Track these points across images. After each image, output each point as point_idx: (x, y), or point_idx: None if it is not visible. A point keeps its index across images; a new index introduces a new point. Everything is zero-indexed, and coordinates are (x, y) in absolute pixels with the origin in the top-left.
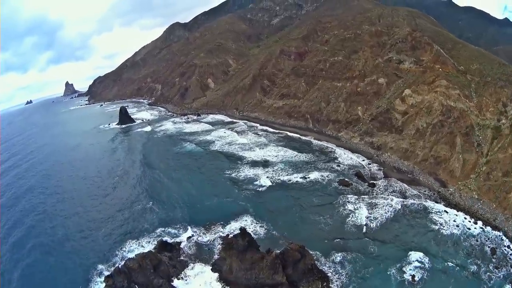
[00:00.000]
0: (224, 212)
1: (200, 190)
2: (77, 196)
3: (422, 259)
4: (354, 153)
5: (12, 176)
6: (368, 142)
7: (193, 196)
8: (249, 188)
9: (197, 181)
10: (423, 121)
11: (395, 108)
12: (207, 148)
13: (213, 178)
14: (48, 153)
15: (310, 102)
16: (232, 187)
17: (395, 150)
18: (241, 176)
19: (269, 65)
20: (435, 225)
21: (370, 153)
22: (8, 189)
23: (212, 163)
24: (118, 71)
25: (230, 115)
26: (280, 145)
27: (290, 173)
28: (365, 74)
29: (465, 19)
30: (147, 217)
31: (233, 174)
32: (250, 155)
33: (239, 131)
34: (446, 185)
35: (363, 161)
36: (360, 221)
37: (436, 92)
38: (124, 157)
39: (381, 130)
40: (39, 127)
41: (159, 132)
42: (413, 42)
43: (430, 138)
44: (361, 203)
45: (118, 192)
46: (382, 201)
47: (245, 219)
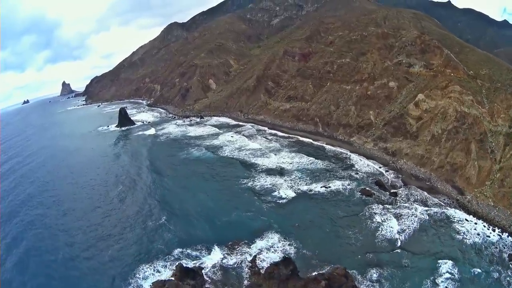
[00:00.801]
0: (247, 229)
1: (216, 202)
2: (80, 208)
3: (452, 269)
4: (369, 159)
5: (9, 183)
6: (382, 148)
7: (210, 209)
8: (269, 200)
9: (212, 191)
10: (438, 127)
11: (409, 113)
12: (217, 154)
13: (228, 188)
14: (46, 158)
15: (319, 105)
16: (250, 198)
17: (410, 156)
18: (257, 185)
19: (273, 66)
20: (459, 234)
21: (385, 159)
22: (4, 198)
23: (224, 171)
24: (116, 71)
25: (235, 118)
26: (293, 151)
27: (309, 182)
28: (374, 77)
29: (464, 21)
30: (161, 235)
31: (249, 184)
32: (264, 162)
33: (247, 135)
34: (463, 192)
35: (380, 168)
36: (390, 234)
37: (450, 98)
38: (129, 163)
39: (395, 136)
40: (36, 128)
41: (162, 136)
42: (422, 45)
43: (446, 144)
44: (387, 214)
45: (125, 204)
46: (407, 211)
47: (271, 236)
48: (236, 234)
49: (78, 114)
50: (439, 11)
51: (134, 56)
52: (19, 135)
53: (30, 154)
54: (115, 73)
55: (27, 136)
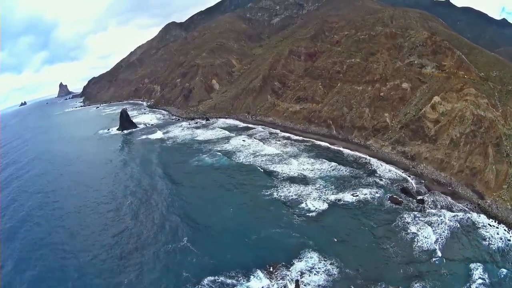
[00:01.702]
0: (281, 248)
1: (242, 217)
2: (87, 227)
3: (483, 275)
4: (389, 164)
5: (7, 194)
6: (400, 152)
7: (237, 226)
8: (298, 212)
9: (234, 204)
10: (457, 131)
11: (426, 116)
12: (231, 160)
13: (251, 199)
14: (46, 165)
15: (331, 107)
16: (278, 212)
17: (430, 160)
18: (282, 196)
19: (278, 66)
20: (485, 240)
21: (405, 164)
22: (2, 213)
23: (243, 180)
24: (114, 71)
25: (242, 119)
26: (312, 156)
27: (335, 191)
28: (386, 78)
29: (464, 19)
30: (185, 260)
31: (273, 194)
32: (284, 169)
33: (260, 138)
34: (483, 196)
35: (402, 174)
36: (427, 244)
37: (466, 101)
38: (137, 172)
39: (414, 139)
40: (34, 132)
41: (168, 140)
42: (434, 46)
43: (464, 148)
44: (420, 223)
45: (139, 221)
46: (436, 218)
47: (310, 255)
48: (272, 255)
49: (77, 116)
50: (438, 9)
51: (132, 57)
52: (17, 139)
53: (29, 162)
54: (113, 74)
55: (25, 140)
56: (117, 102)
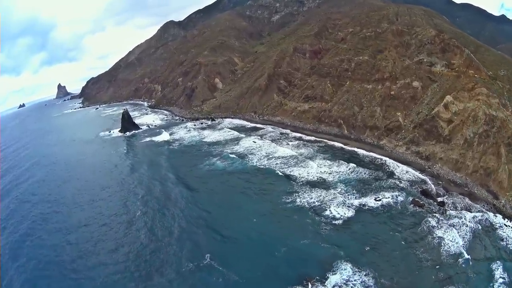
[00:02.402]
0: (312, 260)
1: (266, 227)
2: (95, 241)
3: (503, 275)
4: (405, 164)
5: (6, 205)
6: (414, 152)
7: (263, 238)
8: (323, 220)
9: (255, 212)
10: (470, 131)
11: (440, 115)
12: (245, 164)
13: (272, 207)
14: (47, 172)
15: (342, 106)
16: (302, 220)
17: (445, 161)
18: (304, 203)
19: (283, 63)
20: (503, 241)
21: (421, 164)
22: (3, 225)
23: (260, 185)
24: (112, 71)
25: (249, 119)
26: (327, 158)
27: (357, 195)
28: (396, 77)
29: (463, 16)
30: (210, 282)
31: (295, 201)
32: (301, 172)
33: (271, 139)
34: (498, 196)
35: (419, 175)
36: (453, 248)
37: (479, 100)
38: (147, 178)
39: (428, 139)
40: (34, 135)
41: (174, 142)
42: (442, 44)
43: (478, 148)
44: (444, 226)
45: (153, 235)
46: (457, 220)
47: (343, 267)
48: (304, 269)
49: (76, 118)
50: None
51: (130, 56)
52: (17, 142)
53: (29, 167)
54: (112, 74)
55: (24, 143)
56: (117, 103)
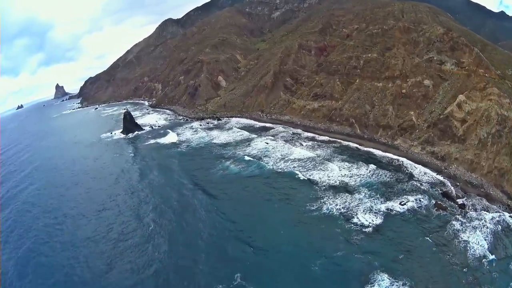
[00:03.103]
0: (349, 273)
1: (295, 238)
2: (109, 260)
3: None
4: (422, 165)
5: (6, 217)
6: (429, 152)
7: (294, 252)
8: (352, 229)
9: (281, 222)
10: (484, 131)
11: (453, 115)
12: (261, 167)
13: (298, 216)
14: (48, 178)
15: (353, 105)
16: (331, 230)
17: (460, 161)
18: (331, 211)
19: (288, 61)
20: None
21: (437, 165)
22: (3, 240)
23: (281, 191)
24: (111, 70)
25: (257, 119)
26: (345, 160)
27: (382, 200)
28: (406, 75)
29: (463, 12)
30: None
31: (321, 208)
32: (322, 176)
33: (284, 140)
34: (511, 197)
35: (437, 176)
36: (478, 250)
37: (491, 100)
38: (157, 185)
39: (443, 139)
40: (33, 137)
41: (182, 144)
42: (451, 42)
43: (492, 148)
44: (468, 229)
45: (174, 253)
46: (478, 222)
47: (380, 278)
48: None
49: (75, 119)
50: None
51: (129, 55)
52: (16, 145)
53: (29, 173)
54: (111, 73)
55: (24, 146)
56: (117, 102)
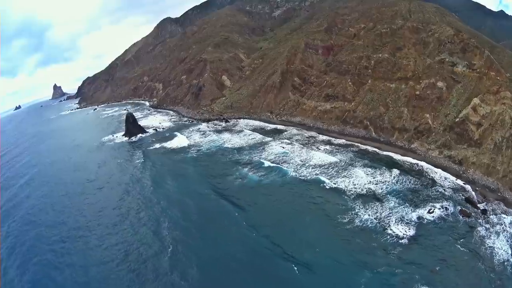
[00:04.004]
0: None
1: (334, 255)
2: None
3: None
4: (441, 169)
5: (6, 234)
6: (447, 156)
7: (338, 269)
8: (388, 241)
9: (316, 237)
10: (499, 135)
11: (469, 118)
12: (282, 175)
13: (331, 230)
14: (50, 188)
15: (367, 106)
16: (368, 244)
17: (477, 165)
18: (364, 224)
19: (295, 60)
20: None
21: (455, 169)
22: (3, 265)
23: (308, 201)
24: (109, 70)
25: (266, 120)
26: (366, 165)
27: (411, 209)
28: (419, 76)
29: (462, 11)
30: None
31: (354, 221)
32: (347, 184)
33: (300, 143)
34: None
35: (457, 181)
36: (503, 256)
37: (504, 104)
38: (175, 196)
39: (459, 143)
40: (32, 140)
41: (191, 149)
42: (462, 44)
43: (506, 152)
44: (492, 235)
45: (209, 276)
46: (499, 228)
47: None
48: None
49: (74, 120)
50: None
51: (127, 55)
52: (15, 148)
53: (29, 180)
54: (109, 73)
55: (23, 150)
56: (116, 102)
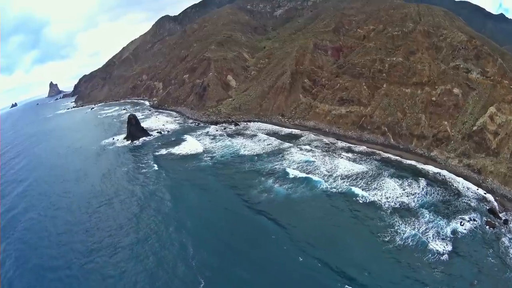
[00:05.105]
0: None
1: (385, 278)
2: None
3: None
4: (461, 177)
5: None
6: (465, 165)
7: None
8: (430, 259)
9: (363, 260)
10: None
11: (487, 127)
12: (311, 188)
13: (375, 252)
14: (50, 201)
15: (384, 112)
16: (413, 264)
17: (495, 174)
18: (406, 243)
19: (305, 61)
20: None
21: (475, 178)
22: None
23: (345, 218)
24: (106, 68)
25: (278, 124)
26: (393, 176)
27: (445, 222)
28: (434, 81)
29: (463, 14)
30: None
31: (395, 239)
32: (380, 198)
33: (321, 151)
34: None
35: (478, 191)
36: None
37: None
38: (200, 213)
39: (478, 152)
40: (28, 141)
41: (203, 156)
42: (475, 50)
43: None
44: None
45: None
46: None
47: None
48: None
49: (71, 120)
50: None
51: (125, 52)
52: (10, 150)
53: (26, 190)
54: (106, 71)
55: (18, 152)
56: (114, 102)
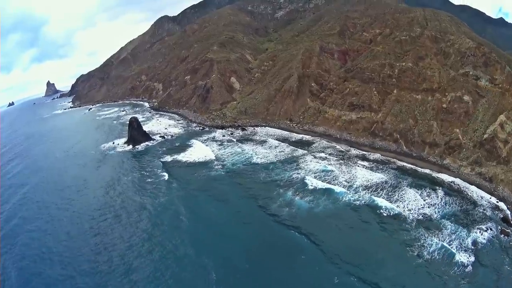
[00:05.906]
0: None
1: None
2: None
3: None
4: (474, 186)
5: None
6: (477, 173)
7: None
8: (456, 273)
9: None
10: None
11: (498, 135)
12: (334, 201)
13: (407, 267)
14: (51, 216)
15: (395, 118)
16: (444, 278)
17: (506, 182)
18: (433, 257)
19: (311, 64)
20: None
21: (487, 187)
22: None
23: (373, 230)
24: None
25: (287, 129)
26: (412, 186)
27: (465, 233)
28: (444, 88)
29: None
30: None
31: (423, 253)
32: (402, 210)
33: (337, 160)
34: None
35: (491, 199)
36: None
37: None
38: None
39: (489, 160)
40: (25, 142)
41: (213, 164)
42: (484, 57)
43: None
44: None
45: None
46: None
47: None
48: None
49: (68, 121)
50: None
51: (123, 52)
52: (7, 151)
53: (23, 201)
54: (104, 71)
55: (15, 155)
56: (112, 102)
